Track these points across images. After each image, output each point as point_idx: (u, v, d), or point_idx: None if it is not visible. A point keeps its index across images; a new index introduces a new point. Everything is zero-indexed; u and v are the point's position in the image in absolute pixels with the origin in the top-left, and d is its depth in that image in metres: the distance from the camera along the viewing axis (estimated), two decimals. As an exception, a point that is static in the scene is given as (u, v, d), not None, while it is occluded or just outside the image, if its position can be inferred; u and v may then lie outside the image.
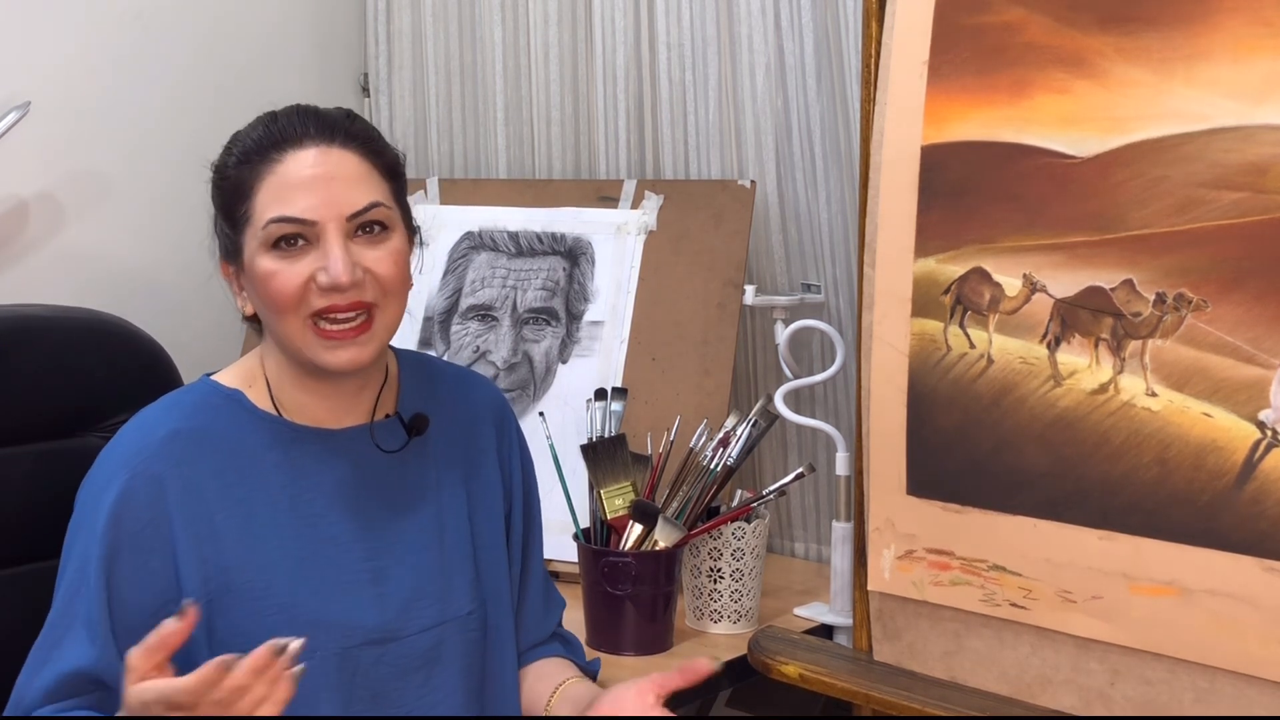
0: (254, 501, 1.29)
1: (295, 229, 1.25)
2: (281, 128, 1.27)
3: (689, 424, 1.79)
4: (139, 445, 1.27)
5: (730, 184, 1.99)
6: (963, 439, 1.40)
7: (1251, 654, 1.23)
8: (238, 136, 1.31)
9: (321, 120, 1.29)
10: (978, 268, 1.40)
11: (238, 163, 1.28)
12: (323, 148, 1.27)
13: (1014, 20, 1.36)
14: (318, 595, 1.28)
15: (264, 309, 1.28)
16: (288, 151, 1.26)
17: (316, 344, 1.26)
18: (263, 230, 1.25)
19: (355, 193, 1.26)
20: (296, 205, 1.24)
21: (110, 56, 2.11)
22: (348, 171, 1.27)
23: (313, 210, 1.24)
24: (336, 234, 1.24)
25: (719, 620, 1.74)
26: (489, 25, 2.30)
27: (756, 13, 2.01)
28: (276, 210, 1.25)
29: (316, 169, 1.26)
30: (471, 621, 1.37)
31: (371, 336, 1.27)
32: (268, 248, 1.25)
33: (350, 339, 1.26)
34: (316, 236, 1.25)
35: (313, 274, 1.24)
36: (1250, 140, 1.21)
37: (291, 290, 1.24)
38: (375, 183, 1.29)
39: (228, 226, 1.30)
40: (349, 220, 1.25)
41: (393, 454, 1.36)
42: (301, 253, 1.25)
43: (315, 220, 1.24)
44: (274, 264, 1.25)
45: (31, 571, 1.46)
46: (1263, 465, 1.21)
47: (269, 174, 1.26)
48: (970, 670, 1.44)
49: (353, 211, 1.26)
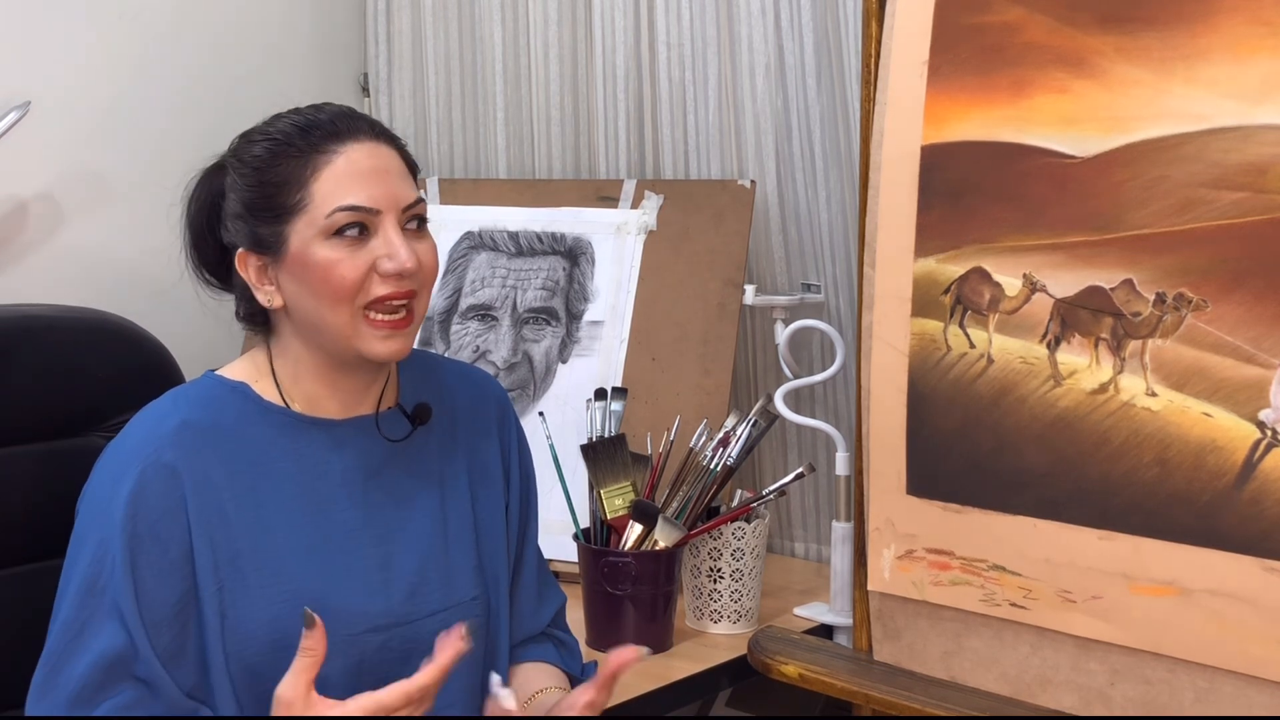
0: (262, 490, 1.30)
1: (360, 217, 1.28)
2: (334, 122, 1.32)
3: (689, 424, 1.79)
4: (150, 436, 1.28)
5: (730, 184, 1.99)
6: (963, 439, 1.41)
7: (1251, 654, 1.23)
8: (259, 131, 1.33)
9: (362, 118, 1.34)
10: (978, 268, 1.40)
11: (286, 153, 1.30)
12: (376, 144, 1.32)
13: (1014, 20, 1.36)
14: (326, 582, 1.30)
15: (314, 298, 1.29)
16: (347, 143, 1.30)
17: (369, 333, 1.29)
18: (325, 219, 1.28)
19: (405, 186, 1.32)
20: (361, 194, 1.28)
21: (110, 56, 2.11)
22: (397, 167, 1.33)
23: (375, 200, 1.29)
24: (395, 224, 1.30)
25: (719, 620, 1.74)
26: (489, 25, 2.31)
27: (756, 13, 2.01)
28: (341, 199, 1.28)
29: (374, 161, 1.31)
30: (475, 607, 1.39)
31: (412, 329, 1.33)
32: (328, 236, 1.28)
33: (400, 329, 1.31)
34: (376, 226, 1.29)
35: (374, 262, 1.28)
36: (1250, 140, 1.21)
37: (355, 278, 1.28)
38: (412, 181, 1.35)
39: (264, 217, 1.30)
40: (403, 212, 1.31)
41: (397, 443, 1.37)
42: (362, 242, 1.29)
43: (379, 209, 1.29)
44: (337, 252, 1.28)
45: (33, 571, 1.46)
46: (1263, 465, 1.21)
47: (327, 165, 1.29)
48: (970, 670, 1.44)
49: (407, 204, 1.31)
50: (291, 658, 1.24)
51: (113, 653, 1.23)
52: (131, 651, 1.23)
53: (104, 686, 1.23)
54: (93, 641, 1.23)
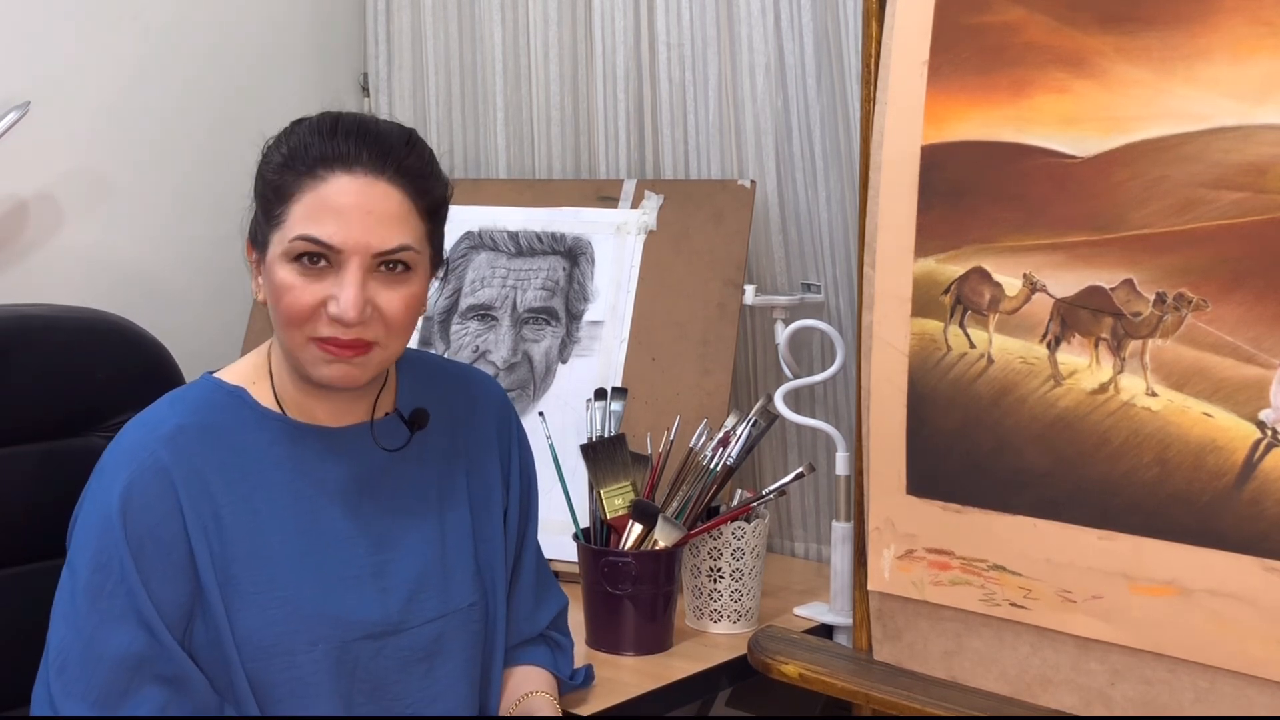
0: (257, 498, 1.30)
1: (320, 250, 1.25)
2: (338, 144, 1.26)
3: (689, 424, 1.79)
4: (144, 440, 1.28)
5: (730, 184, 1.99)
6: (963, 439, 1.41)
7: (1251, 654, 1.23)
8: (297, 131, 1.30)
9: (378, 146, 1.28)
10: (978, 267, 1.40)
11: (283, 165, 1.27)
12: (370, 179, 1.26)
13: (1014, 20, 1.36)
14: (320, 589, 1.30)
15: (272, 312, 1.29)
16: (335, 171, 1.25)
17: (317, 358, 1.27)
18: (289, 242, 1.25)
19: (389, 231, 1.26)
20: (326, 229, 1.24)
21: (110, 56, 2.11)
22: (387, 209, 1.26)
23: (340, 238, 1.24)
24: (358, 267, 1.25)
25: (719, 620, 1.74)
26: (489, 25, 2.31)
27: (756, 13, 2.01)
28: (306, 228, 1.25)
29: (357, 199, 1.25)
30: (473, 614, 1.39)
31: (367, 361, 1.28)
32: (290, 259, 1.26)
33: (347, 358, 1.27)
34: (340, 263, 1.25)
35: (325, 299, 1.25)
36: (1250, 140, 1.21)
37: (302, 309, 1.25)
38: (412, 224, 1.28)
39: (262, 216, 1.30)
40: (374, 256, 1.26)
41: (394, 451, 1.36)
42: (321, 274, 1.25)
43: (341, 249, 1.24)
44: (292, 278, 1.25)
45: (33, 571, 1.46)
46: (1263, 465, 1.21)
47: (310, 189, 1.25)
48: (970, 670, 1.44)
49: (381, 250, 1.26)
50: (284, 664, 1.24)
51: (133, 655, 1.22)
52: (153, 650, 1.23)
53: (129, 690, 1.22)
54: (107, 647, 1.22)
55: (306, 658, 1.27)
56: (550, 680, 1.47)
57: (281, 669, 1.27)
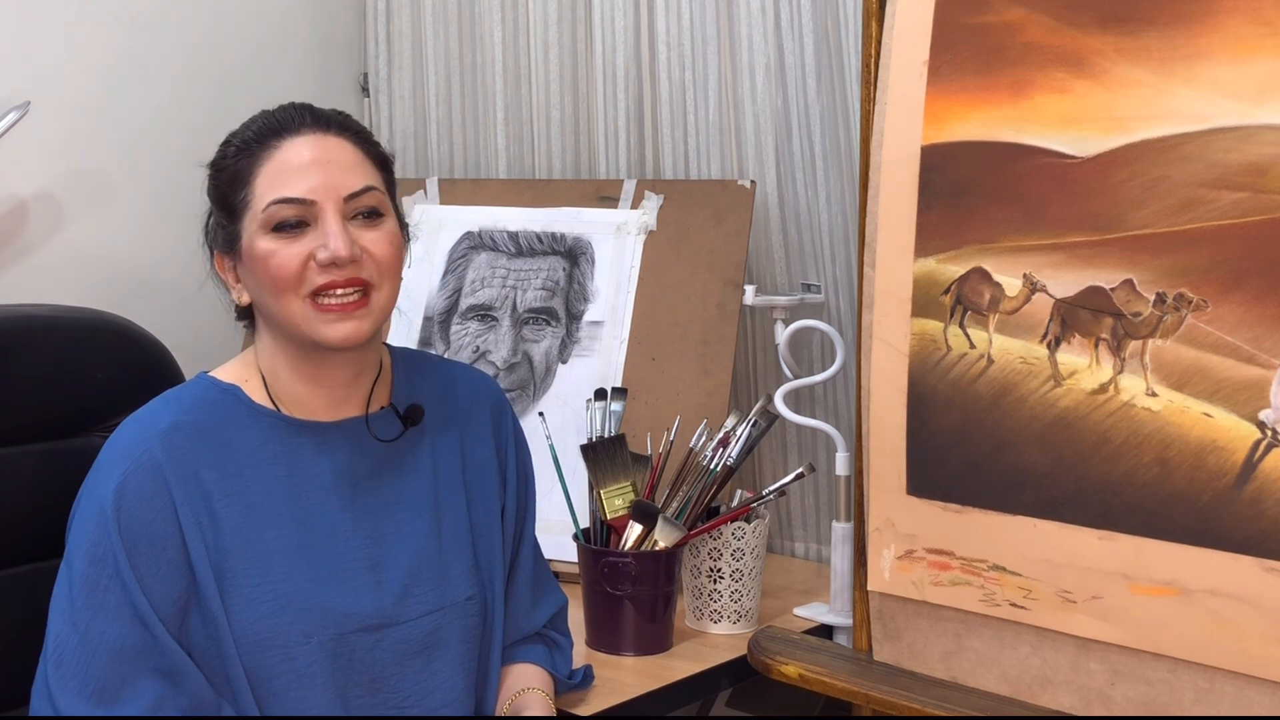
0: (252, 493, 1.31)
1: (295, 210, 1.29)
2: (279, 118, 1.33)
3: (689, 424, 1.79)
4: (139, 437, 1.29)
5: (730, 184, 1.99)
6: (963, 439, 1.41)
7: (1251, 654, 1.23)
8: (233, 133, 1.35)
9: (316, 113, 1.34)
10: (978, 268, 1.40)
11: (236, 153, 1.32)
12: (319, 135, 1.32)
13: (1014, 20, 1.36)
14: (315, 583, 1.30)
15: (264, 291, 1.31)
16: (286, 138, 1.31)
17: (317, 319, 1.29)
18: (263, 213, 1.29)
19: (351, 176, 1.31)
20: (296, 187, 1.29)
21: (110, 56, 2.11)
22: (344, 157, 1.32)
23: (312, 191, 1.29)
24: (335, 214, 1.29)
25: (719, 620, 1.74)
26: (489, 25, 2.31)
27: (756, 13, 2.01)
28: (276, 192, 1.29)
29: (315, 152, 1.31)
30: (471, 607, 1.39)
31: (368, 312, 1.31)
32: (267, 230, 1.29)
33: (349, 312, 1.30)
34: (315, 218, 1.29)
35: (312, 252, 1.28)
36: (1250, 140, 1.21)
37: (292, 268, 1.28)
38: (369, 170, 1.34)
39: (224, 217, 1.33)
40: (346, 201, 1.30)
41: (389, 443, 1.37)
42: (301, 233, 1.29)
43: (314, 200, 1.29)
44: (274, 245, 1.29)
45: (33, 571, 1.46)
46: (1263, 465, 1.21)
47: (267, 160, 1.30)
48: (970, 670, 1.44)
49: (349, 193, 1.30)
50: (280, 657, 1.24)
51: (128, 648, 1.23)
52: (148, 644, 1.24)
53: (125, 683, 1.23)
54: (103, 640, 1.23)
55: (302, 650, 1.28)
56: (546, 678, 1.47)
57: (278, 662, 1.27)
